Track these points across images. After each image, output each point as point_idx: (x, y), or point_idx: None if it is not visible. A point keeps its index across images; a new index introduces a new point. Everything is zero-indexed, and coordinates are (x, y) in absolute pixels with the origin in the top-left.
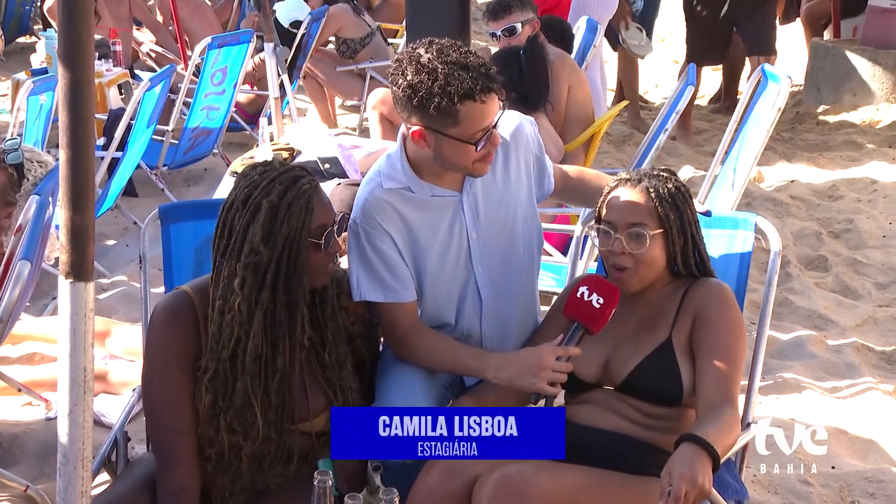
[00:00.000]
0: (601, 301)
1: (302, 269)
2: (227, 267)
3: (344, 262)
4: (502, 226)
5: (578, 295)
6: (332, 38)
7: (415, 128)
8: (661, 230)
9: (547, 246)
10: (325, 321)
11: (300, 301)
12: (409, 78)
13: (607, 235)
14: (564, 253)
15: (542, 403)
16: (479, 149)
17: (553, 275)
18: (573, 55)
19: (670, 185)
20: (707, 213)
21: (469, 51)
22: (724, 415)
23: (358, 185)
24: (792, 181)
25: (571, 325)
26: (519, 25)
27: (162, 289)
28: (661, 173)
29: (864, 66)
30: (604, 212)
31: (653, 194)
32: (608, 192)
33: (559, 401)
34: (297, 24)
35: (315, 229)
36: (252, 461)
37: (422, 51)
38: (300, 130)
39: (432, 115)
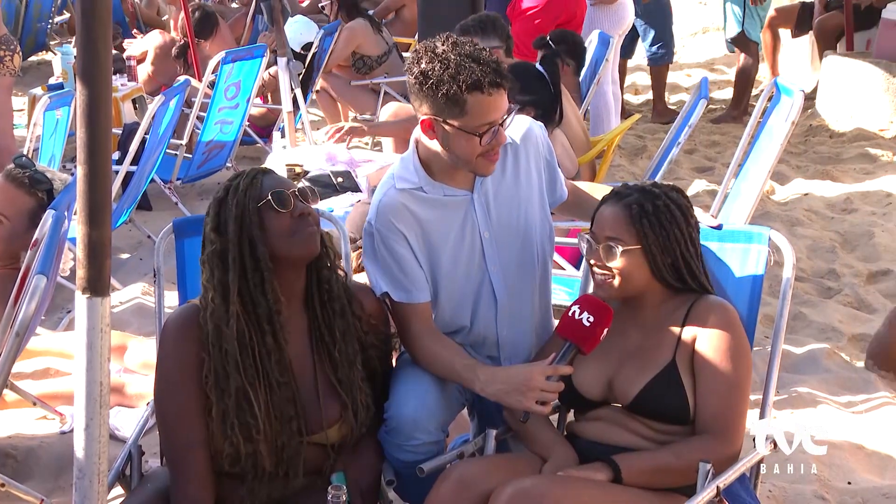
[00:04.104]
0: (591, 319)
1: (261, 239)
2: (200, 272)
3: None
4: (514, 225)
5: (570, 314)
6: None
7: (424, 117)
8: (638, 247)
9: (560, 260)
10: (333, 318)
11: (268, 271)
12: (422, 66)
13: (589, 245)
14: (577, 267)
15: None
16: (483, 142)
17: (566, 289)
18: (585, 69)
19: (659, 203)
20: (718, 227)
21: (483, 48)
22: (685, 446)
23: None
24: (805, 194)
25: (564, 345)
26: None
27: (176, 302)
28: (655, 189)
29: (877, 79)
30: (593, 222)
31: (635, 211)
32: (599, 204)
33: (569, 417)
34: (308, 46)
35: (262, 194)
36: (273, 467)
37: (438, 43)
38: (304, 151)
39: (441, 102)
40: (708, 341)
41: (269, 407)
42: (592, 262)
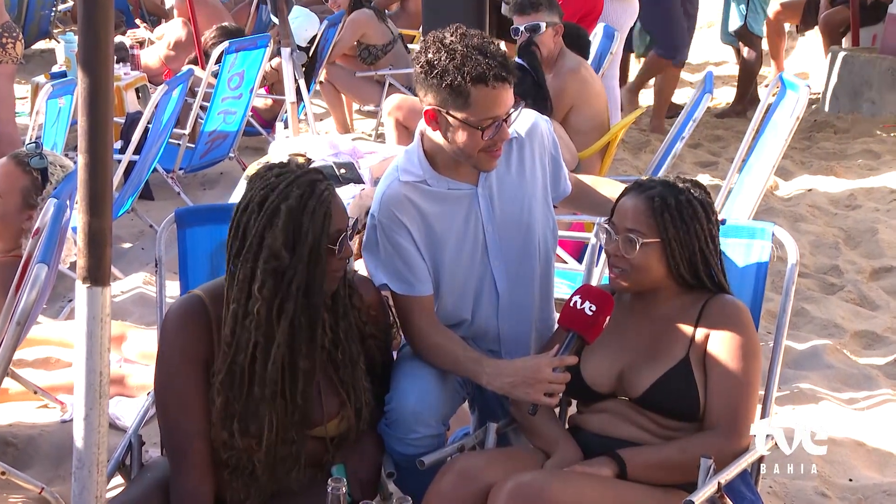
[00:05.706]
0: (594, 308)
1: (323, 275)
2: (243, 270)
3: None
4: (518, 220)
5: (572, 304)
6: (354, 43)
7: (428, 107)
8: (658, 240)
9: (562, 253)
10: (336, 321)
11: (321, 306)
12: (429, 55)
13: (608, 235)
14: (580, 260)
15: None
16: (485, 137)
17: (568, 282)
18: (589, 62)
19: (682, 197)
20: (722, 222)
21: (493, 41)
22: (692, 442)
23: None
24: (809, 190)
25: (567, 336)
26: (543, 25)
27: (177, 292)
28: (678, 183)
29: (882, 75)
30: (613, 212)
31: (657, 204)
32: (622, 194)
33: (571, 409)
34: (313, 39)
35: (332, 235)
36: (267, 465)
37: (447, 33)
38: (306, 140)
39: (445, 92)
40: (721, 340)
41: (273, 409)
42: (609, 251)
